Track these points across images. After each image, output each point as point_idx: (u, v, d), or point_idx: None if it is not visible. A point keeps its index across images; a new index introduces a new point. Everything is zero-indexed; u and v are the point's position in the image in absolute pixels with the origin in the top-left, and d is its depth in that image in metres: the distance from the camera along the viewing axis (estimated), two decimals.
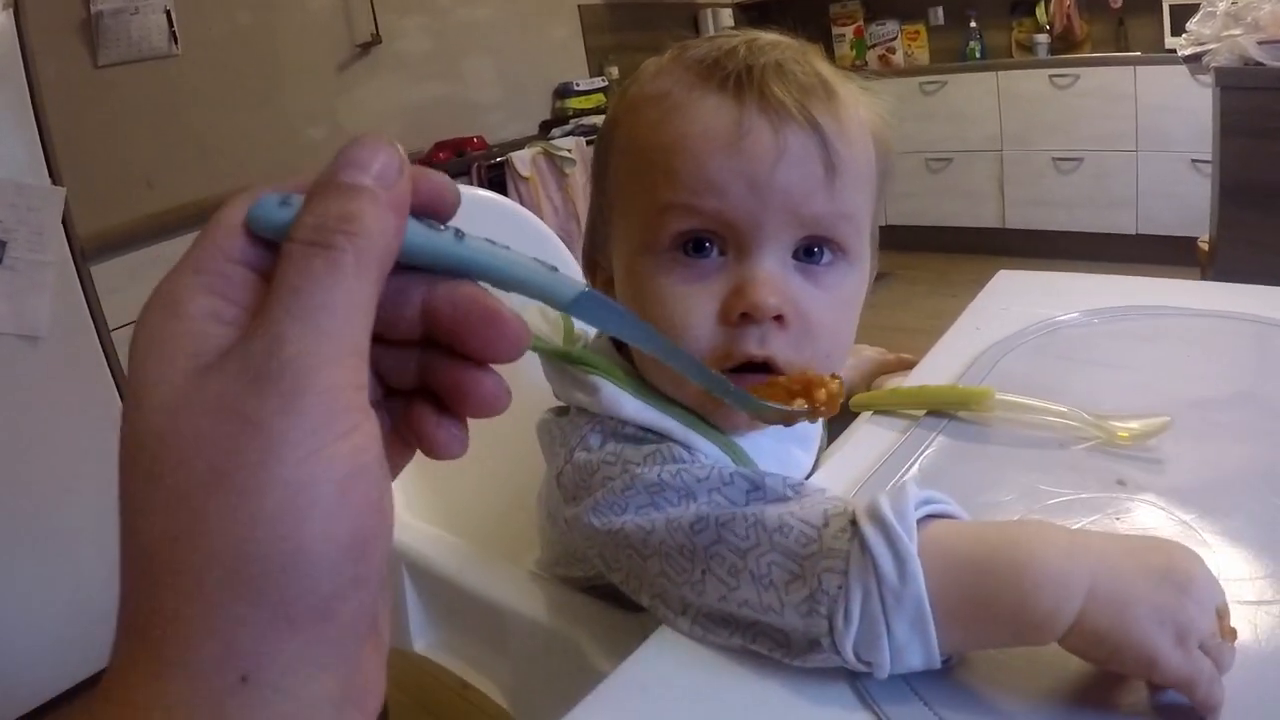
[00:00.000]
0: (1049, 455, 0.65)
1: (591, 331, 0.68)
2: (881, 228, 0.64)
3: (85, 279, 1.98)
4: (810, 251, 0.58)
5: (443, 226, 0.30)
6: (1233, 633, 0.42)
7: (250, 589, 0.24)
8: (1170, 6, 4.20)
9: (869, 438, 0.71)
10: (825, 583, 0.44)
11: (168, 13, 2.76)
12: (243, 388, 0.25)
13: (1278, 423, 0.67)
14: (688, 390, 0.59)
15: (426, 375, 0.32)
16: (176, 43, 2.81)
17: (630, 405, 0.59)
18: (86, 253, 1.99)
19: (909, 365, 0.91)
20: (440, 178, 0.31)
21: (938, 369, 0.82)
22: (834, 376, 0.54)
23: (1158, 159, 4.16)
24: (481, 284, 0.32)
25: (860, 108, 0.60)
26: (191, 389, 0.25)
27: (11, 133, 1.84)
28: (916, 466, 0.65)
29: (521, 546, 0.93)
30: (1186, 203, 3.93)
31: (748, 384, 0.51)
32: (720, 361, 0.56)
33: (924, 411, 0.73)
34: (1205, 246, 2.60)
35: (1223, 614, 0.42)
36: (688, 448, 0.58)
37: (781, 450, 0.66)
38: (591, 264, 0.68)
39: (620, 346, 0.65)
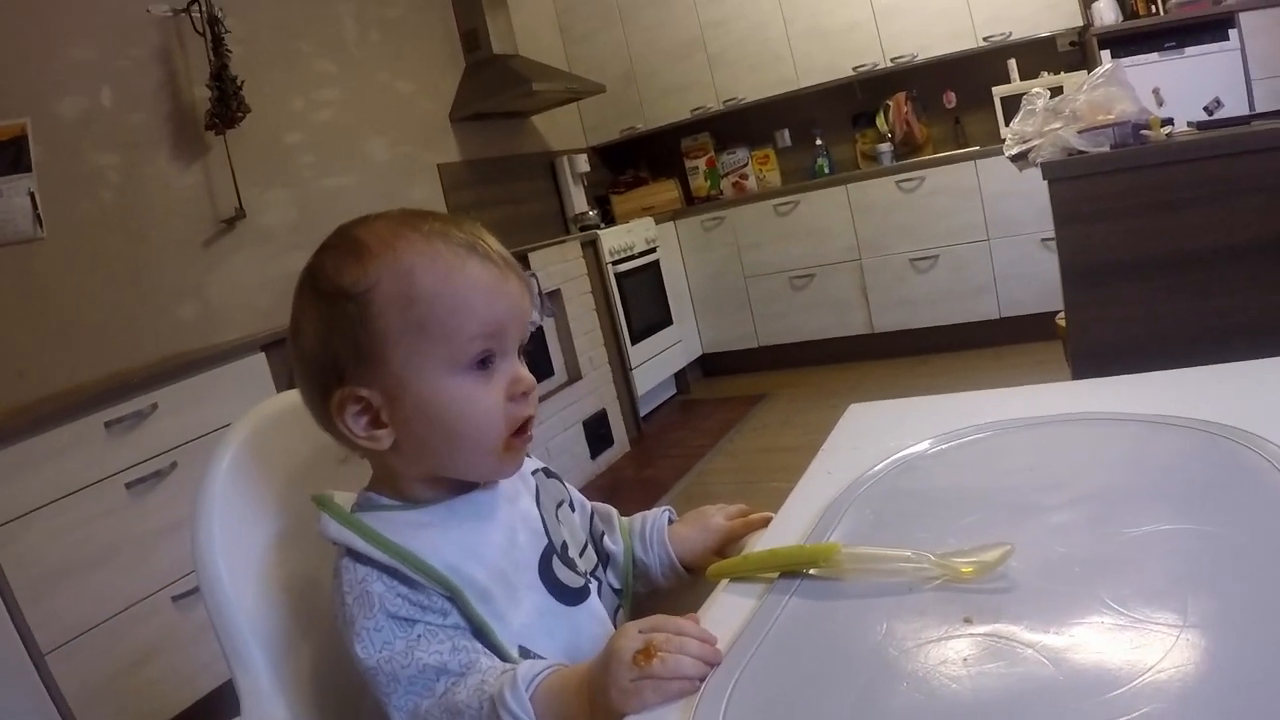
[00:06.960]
0: (899, 601, 0.66)
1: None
2: (755, 350, 0.71)
3: None
4: (522, 350, 0.85)
5: None
6: (646, 654, 0.64)
7: None
8: (1001, 99, 4.51)
9: (726, 607, 0.72)
10: None
11: (31, 195, 2.73)
12: None
13: (1114, 515, 0.70)
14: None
15: None
16: (41, 225, 2.77)
17: (332, 528, 0.79)
18: None
19: (758, 526, 0.93)
20: None
21: (791, 522, 0.84)
22: None
23: (1008, 244, 4.39)
24: None
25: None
26: None
27: None
28: (772, 634, 0.65)
29: None
30: (1041, 280, 4.14)
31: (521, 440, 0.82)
32: (511, 425, 0.81)
33: (777, 574, 0.74)
34: (1062, 322, 2.71)
35: (639, 651, 0.64)
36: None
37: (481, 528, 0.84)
38: (341, 399, 0.80)
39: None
